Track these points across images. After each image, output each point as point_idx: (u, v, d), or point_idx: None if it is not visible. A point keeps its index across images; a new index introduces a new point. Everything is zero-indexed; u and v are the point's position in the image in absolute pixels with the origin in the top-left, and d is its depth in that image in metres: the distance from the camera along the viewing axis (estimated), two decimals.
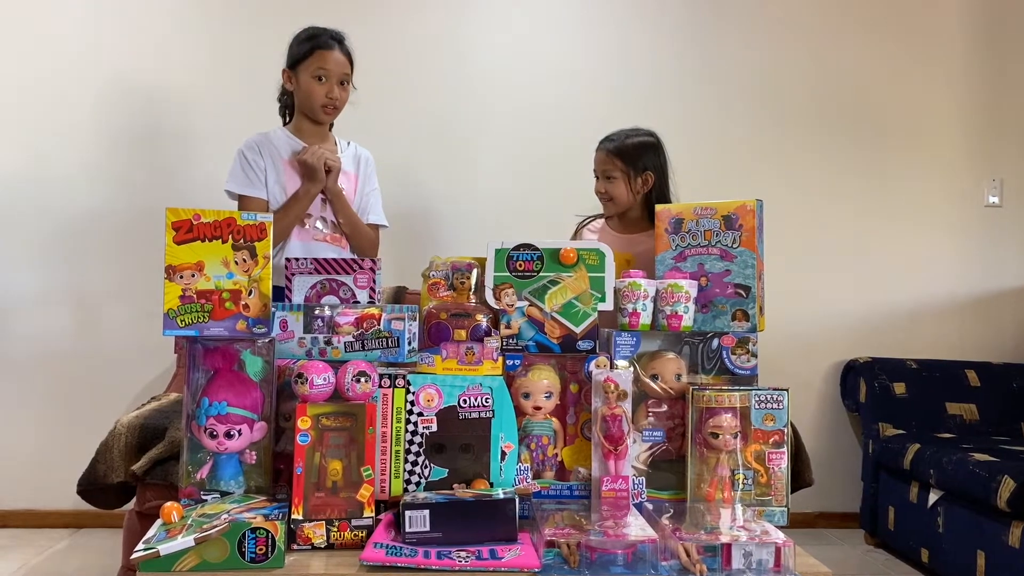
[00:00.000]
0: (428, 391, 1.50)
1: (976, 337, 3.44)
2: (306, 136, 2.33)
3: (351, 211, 2.34)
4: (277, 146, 2.32)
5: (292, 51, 2.32)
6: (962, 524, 2.56)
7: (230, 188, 2.30)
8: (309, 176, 2.24)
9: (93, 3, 3.17)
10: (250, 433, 1.44)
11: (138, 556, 1.21)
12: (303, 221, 2.29)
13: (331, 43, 2.28)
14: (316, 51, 2.26)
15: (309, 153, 2.23)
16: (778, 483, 1.52)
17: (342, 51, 2.30)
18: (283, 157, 2.31)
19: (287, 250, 2.26)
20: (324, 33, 2.31)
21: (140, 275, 3.08)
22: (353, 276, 1.70)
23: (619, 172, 2.30)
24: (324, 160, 2.23)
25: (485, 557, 1.26)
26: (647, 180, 2.30)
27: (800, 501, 3.08)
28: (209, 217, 1.48)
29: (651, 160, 2.31)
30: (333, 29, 2.33)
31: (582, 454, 1.56)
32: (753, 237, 1.65)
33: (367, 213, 2.41)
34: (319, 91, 2.26)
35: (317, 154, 2.23)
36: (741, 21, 3.39)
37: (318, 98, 2.27)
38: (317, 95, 2.27)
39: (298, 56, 2.29)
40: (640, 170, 2.30)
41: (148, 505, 2.00)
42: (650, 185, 2.31)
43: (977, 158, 3.46)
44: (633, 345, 1.60)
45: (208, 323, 1.46)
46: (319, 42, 2.28)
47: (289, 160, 2.30)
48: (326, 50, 2.27)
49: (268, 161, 2.29)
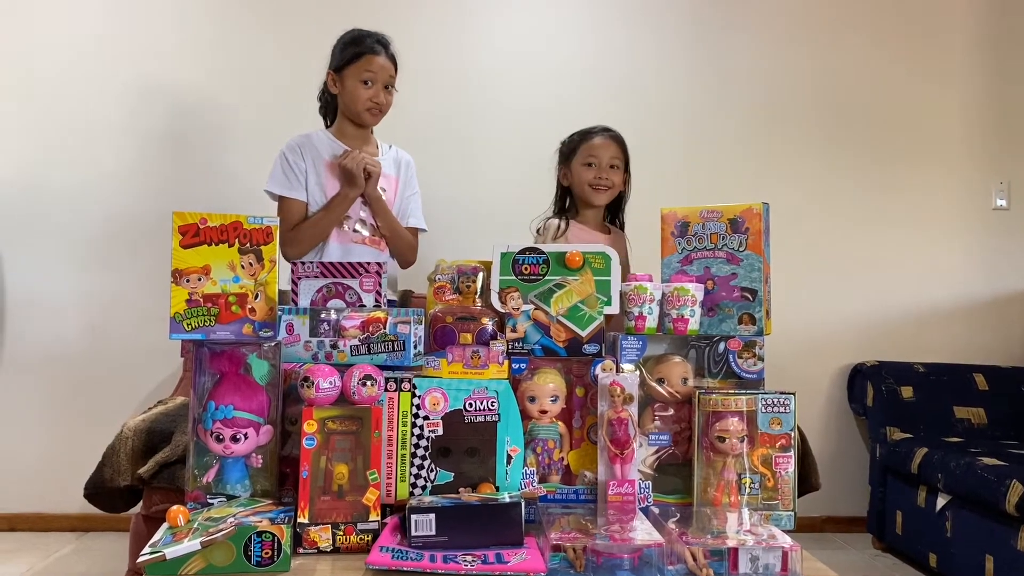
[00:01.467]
0: (434, 395, 1.50)
1: (984, 340, 3.43)
2: (348, 139, 2.35)
3: (390, 215, 2.36)
4: (319, 148, 2.34)
5: (337, 54, 2.34)
6: (970, 528, 2.55)
7: (270, 189, 2.33)
8: (348, 180, 2.26)
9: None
10: (256, 437, 1.44)
11: (144, 559, 1.22)
12: (342, 223, 2.31)
13: (378, 48, 2.30)
14: (363, 56, 2.28)
15: (349, 158, 2.24)
16: (785, 487, 1.52)
17: (388, 56, 2.32)
18: (324, 159, 2.33)
19: (326, 253, 2.29)
20: (370, 37, 2.32)
21: (146, 279, 3.09)
22: (359, 280, 1.71)
23: (621, 164, 2.32)
24: (364, 165, 2.24)
25: (491, 561, 1.26)
26: (626, 180, 2.39)
27: (807, 505, 3.06)
28: (215, 221, 1.49)
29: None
30: (378, 33, 2.34)
31: (588, 458, 1.56)
32: (759, 240, 1.65)
33: (407, 217, 2.43)
34: (364, 95, 2.29)
35: (357, 159, 2.24)
36: (746, 25, 3.39)
37: (363, 102, 2.29)
38: (362, 99, 2.29)
39: (344, 60, 2.30)
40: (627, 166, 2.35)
41: (154, 509, 2.00)
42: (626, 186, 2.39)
43: (984, 161, 3.45)
44: (639, 349, 1.60)
45: (214, 327, 1.46)
46: (366, 46, 2.29)
47: (330, 163, 2.31)
48: (373, 55, 2.29)
49: (309, 163, 2.32)
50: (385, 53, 2.31)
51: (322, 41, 2.78)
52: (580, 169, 2.35)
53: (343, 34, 2.36)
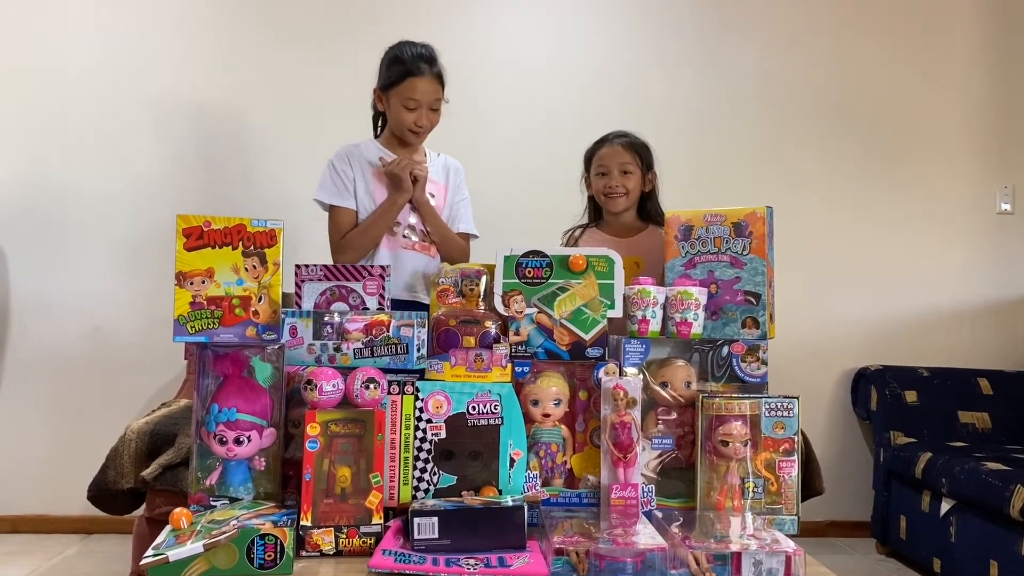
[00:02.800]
0: (437, 398, 1.50)
1: (989, 345, 3.42)
2: (396, 148, 2.34)
3: (439, 220, 2.35)
4: (367, 156, 2.33)
5: (383, 72, 2.30)
6: (975, 533, 2.54)
7: (320, 198, 2.32)
8: (396, 186, 2.25)
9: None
10: (259, 439, 1.45)
11: (147, 562, 1.22)
12: (392, 230, 2.30)
13: (422, 68, 2.24)
14: (407, 78, 2.23)
15: (395, 163, 2.24)
16: (788, 491, 1.51)
17: (433, 75, 2.25)
18: (372, 167, 2.32)
19: (376, 258, 2.28)
20: (415, 57, 2.25)
21: (150, 281, 3.10)
22: (362, 283, 1.71)
23: (635, 167, 2.32)
24: (410, 170, 2.24)
25: (494, 565, 1.26)
26: (652, 179, 2.35)
27: (811, 510, 3.04)
28: (219, 224, 1.49)
29: (653, 160, 2.36)
30: (424, 48, 2.27)
31: (591, 461, 1.55)
32: (763, 244, 1.65)
33: (457, 222, 2.41)
34: (408, 119, 2.25)
35: (402, 164, 2.23)
36: (751, 27, 3.39)
37: (407, 124, 2.26)
38: (406, 123, 2.26)
39: (388, 81, 2.26)
40: (648, 168, 2.34)
41: (158, 511, 2.00)
42: (653, 184, 2.36)
43: (989, 165, 3.44)
44: (643, 352, 1.59)
45: (218, 329, 1.47)
46: (409, 68, 2.23)
47: (377, 171, 2.30)
48: (417, 77, 2.23)
49: (357, 171, 2.31)
50: (430, 72, 2.25)
51: (328, 50, 2.81)
52: (595, 179, 2.37)
53: (389, 48, 2.31)
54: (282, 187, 3.14)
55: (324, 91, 3.21)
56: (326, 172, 2.33)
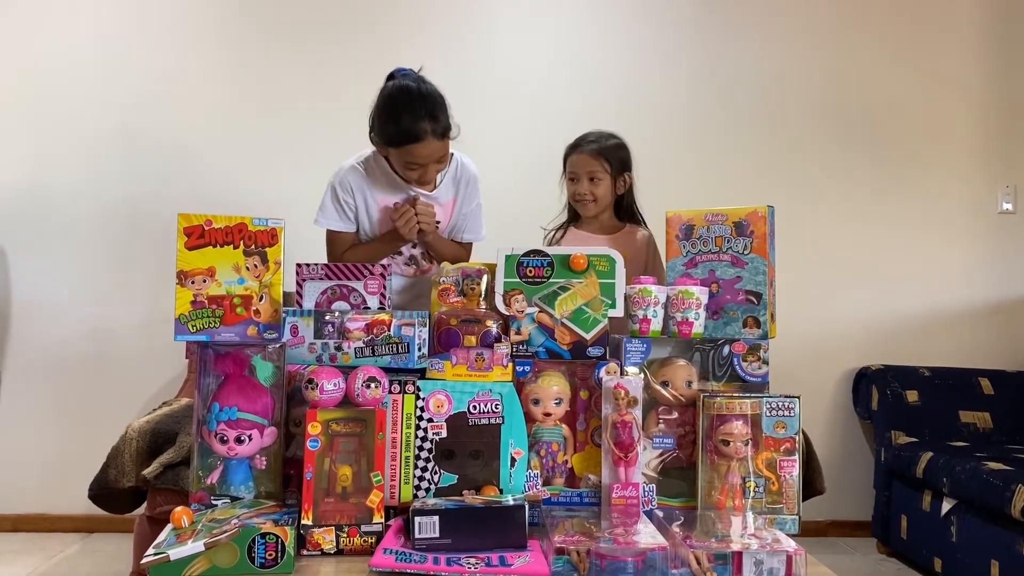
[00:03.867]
0: (438, 397, 1.50)
1: (990, 345, 3.42)
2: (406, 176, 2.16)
3: (444, 247, 2.25)
4: (372, 181, 2.17)
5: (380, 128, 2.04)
6: (976, 533, 2.54)
7: (320, 223, 2.23)
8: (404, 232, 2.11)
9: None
10: (260, 438, 1.45)
11: (148, 561, 1.22)
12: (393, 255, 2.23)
13: (421, 132, 1.96)
14: (403, 145, 1.99)
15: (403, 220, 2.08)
16: (789, 491, 1.51)
17: (435, 135, 1.98)
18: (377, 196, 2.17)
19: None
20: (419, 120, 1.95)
21: (151, 280, 3.10)
22: (363, 282, 1.71)
23: (604, 173, 2.32)
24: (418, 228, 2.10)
25: (495, 564, 1.26)
26: (626, 181, 2.35)
27: (812, 509, 3.04)
28: (220, 223, 1.49)
29: (628, 161, 2.36)
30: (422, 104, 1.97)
31: (592, 461, 1.55)
32: (764, 243, 1.65)
33: (461, 232, 2.31)
34: (410, 176, 2.09)
35: (411, 224, 2.08)
36: (751, 28, 3.38)
37: (410, 179, 2.11)
38: (409, 178, 2.10)
39: (386, 140, 2.03)
40: (620, 171, 2.34)
41: (159, 510, 2.00)
42: (628, 185, 2.36)
43: (991, 164, 3.44)
44: (644, 352, 1.59)
45: (219, 328, 1.47)
46: (410, 133, 1.96)
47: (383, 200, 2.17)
48: (415, 144, 1.98)
49: (360, 198, 2.18)
50: (431, 133, 1.97)
51: (328, 50, 2.78)
52: (567, 183, 2.39)
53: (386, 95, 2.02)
54: (283, 186, 3.14)
55: (325, 90, 3.21)
56: (327, 197, 2.22)
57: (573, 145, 2.37)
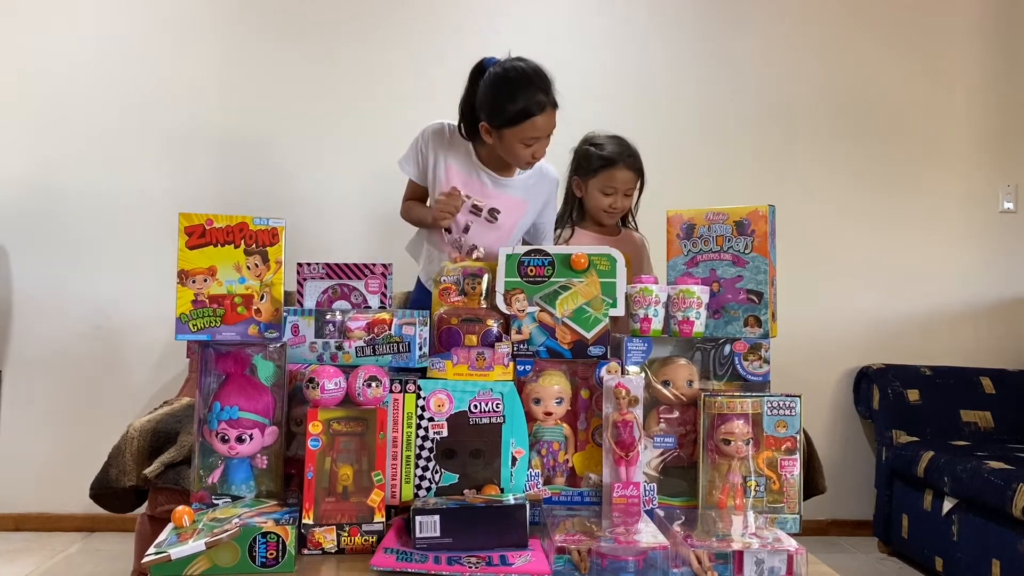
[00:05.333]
0: (439, 396, 1.50)
1: (991, 344, 3.41)
2: (486, 162, 2.19)
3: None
4: (453, 146, 2.20)
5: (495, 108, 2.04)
6: (977, 533, 2.54)
7: (401, 162, 2.28)
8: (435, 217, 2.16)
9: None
10: (261, 437, 1.45)
11: (149, 560, 1.22)
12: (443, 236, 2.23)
13: (543, 104, 2.02)
14: (527, 119, 2.01)
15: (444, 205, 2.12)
16: (790, 490, 1.51)
17: (552, 105, 2.05)
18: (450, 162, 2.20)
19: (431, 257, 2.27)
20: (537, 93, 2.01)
21: (152, 279, 3.10)
22: (364, 281, 1.71)
23: (636, 187, 2.34)
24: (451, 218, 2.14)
25: (495, 563, 1.26)
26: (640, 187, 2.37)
27: (813, 508, 3.06)
28: (221, 222, 1.49)
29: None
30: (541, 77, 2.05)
31: (593, 460, 1.55)
32: (765, 243, 1.64)
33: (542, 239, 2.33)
34: (525, 154, 2.08)
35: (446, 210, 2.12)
36: (755, 29, 3.38)
37: (523, 159, 2.11)
38: (523, 157, 2.10)
39: (505, 120, 2.02)
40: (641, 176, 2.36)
41: (160, 509, 2.01)
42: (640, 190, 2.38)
43: (992, 164, 3.44)
44: (644, 351, 1.59)
45: (220, 328, 1.47)
46: (532, 107, 2.00)
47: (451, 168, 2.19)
48: (539, 115, 2.02)
49: (432, 156, 2.21)
50: (551, 105, 2.04)
51: (330, 49, 2.78)
52: (597, 194, 2.33)
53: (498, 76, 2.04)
54: (284, 185, 3.14)
55: (326, 90, 3.21)
56: (412, 142, 2.26)
57: (609, 158, 2.30)
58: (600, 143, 2.36)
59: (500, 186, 2.20)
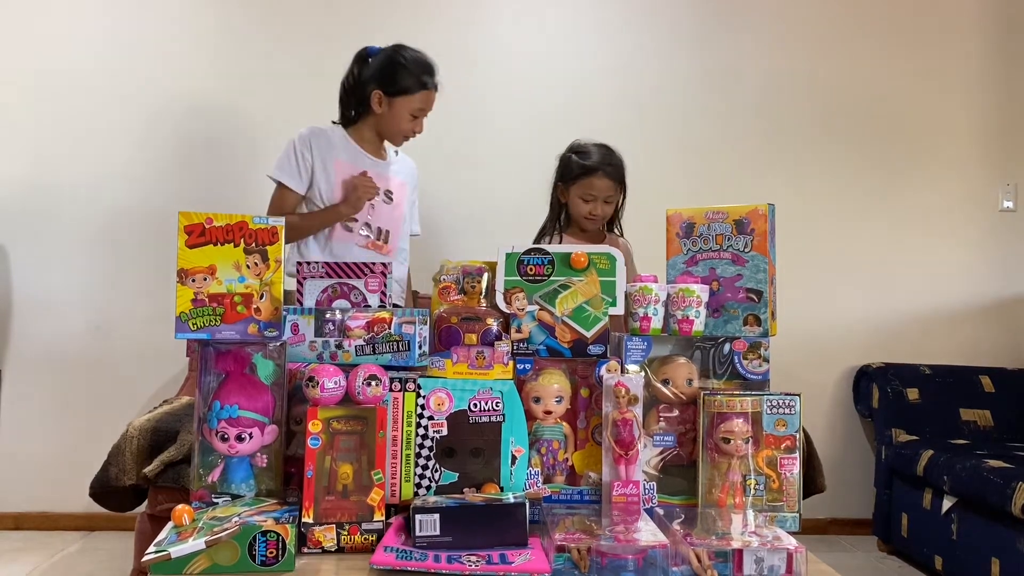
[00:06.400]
0: (439, 395, 1.50)
1: (991, 343, 3.42)
2: (365, 143, 2.40)
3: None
4: (334, 145, 2.37)
5: (392, 77, 2.31)
6: (976, 531, 2.54)
7: (273, 175, 2.37)
8: (349, 201, 2.31)
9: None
10: (261, 436, 1.45)
11: (149, 559, 1.22)
12: (348, 226, 2.36)
13: (435, 85, 2.33)
14: (423, 91, 2.31)
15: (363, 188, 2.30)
16: (790, 489, 1.51)
17: (435, 89, 2.34)
18: (337, 158, 2.36)
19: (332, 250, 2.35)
20: (431, 69, 2.32)
21: (152, 278, 3.11)
22: (364, 280, 1.71)
23: (616, 194, 2.36)
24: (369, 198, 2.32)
25: (495, 561, 1.26)
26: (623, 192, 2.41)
27: (812, 507, 3.06)
28: (221, 221, 1.49)
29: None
30: (431, 61, 2.34)
31: (593, 459, 1.55)
32: (765, 241, 1.65)
33: (413, 223, 2.55)
34: (408, 127, 2.34)
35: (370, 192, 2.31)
36: (751, 29, 3.38)
37: (405, 131, 2.34)
38: (405, 129, 2.34)
39: (401, 88, 2.30)
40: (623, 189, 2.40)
41: (160, 508, 2.01)
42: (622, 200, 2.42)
43: (991, 163, 3.44)
44: (644, 349, 1.59)
45: (220, 326, 1.46)
46: (428, 82, 2.31)
47: (340, 163, 2.34)
48: (429, 90, 2.31)
49: (318, 159, 2.35)
50: (435, 89, 2.34)
51: (331, 49, 2.76)
52: (577, 200, 2.41)
53: (394, 53, 2.33)
54: None
55: (326, 89, 3.19)
56: (286, 150, 2.37)
57: (589, 166, 2.36)
58: (583, 151, 2.38)
59: (383, 168, 2.40)
